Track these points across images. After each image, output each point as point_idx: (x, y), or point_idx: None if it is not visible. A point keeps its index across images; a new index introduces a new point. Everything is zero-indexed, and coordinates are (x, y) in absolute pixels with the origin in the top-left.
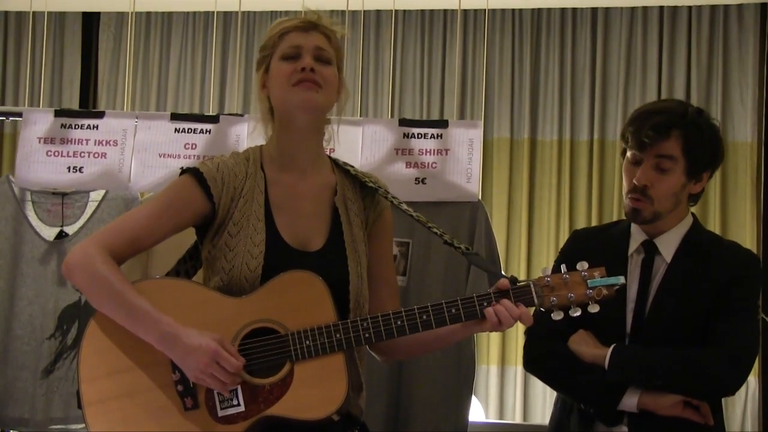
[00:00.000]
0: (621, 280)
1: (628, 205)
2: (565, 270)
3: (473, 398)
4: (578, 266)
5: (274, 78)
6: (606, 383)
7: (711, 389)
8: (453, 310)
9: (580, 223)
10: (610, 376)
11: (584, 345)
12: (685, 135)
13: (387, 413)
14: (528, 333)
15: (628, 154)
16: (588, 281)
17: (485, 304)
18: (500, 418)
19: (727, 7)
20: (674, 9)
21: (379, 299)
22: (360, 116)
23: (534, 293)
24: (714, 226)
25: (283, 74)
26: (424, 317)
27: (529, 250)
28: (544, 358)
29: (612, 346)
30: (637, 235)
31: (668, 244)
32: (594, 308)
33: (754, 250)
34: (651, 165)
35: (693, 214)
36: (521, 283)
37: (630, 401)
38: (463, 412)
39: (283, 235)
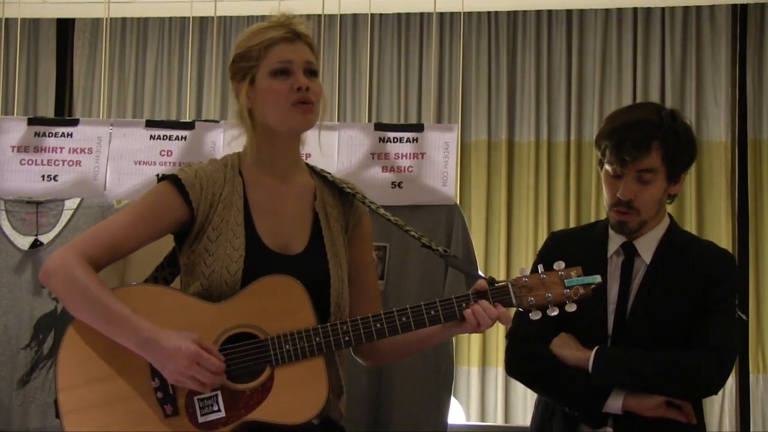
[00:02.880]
0: (597, 279)
1: (614, 218)
2: (543, 270)
3: (453, 400)
4: (555, 266)
5: (264, 95)
6: (590, 386)
7: (697, 390)
8: (432, 312)
9: (559, 224)
10: (594, 379)
11: (567, 348)
12: (665, 145)
13: (366, 416)
14: (509, 337)
15: (608, 168)
16: (565, 281)
17: (464, 305)
18: (481, 420)
19: (699, 8)
20: (648, 10)
21: (359, 305)
22: (338, 120)
23: (512, 293)
24: (690, 225)
25: (278, 93)
26: (404, 319)
27: (508, 251)
28: (526, 361)
29: (595, 349)
30: (615, 237)
31: (647, 246)
32: (571, 307)
33: (730, 248)
34: (633, 178)
35: (669, 215)
36: (499, 284)
37: (614, 404)
38: (442, 413)
39: (263, 239)
